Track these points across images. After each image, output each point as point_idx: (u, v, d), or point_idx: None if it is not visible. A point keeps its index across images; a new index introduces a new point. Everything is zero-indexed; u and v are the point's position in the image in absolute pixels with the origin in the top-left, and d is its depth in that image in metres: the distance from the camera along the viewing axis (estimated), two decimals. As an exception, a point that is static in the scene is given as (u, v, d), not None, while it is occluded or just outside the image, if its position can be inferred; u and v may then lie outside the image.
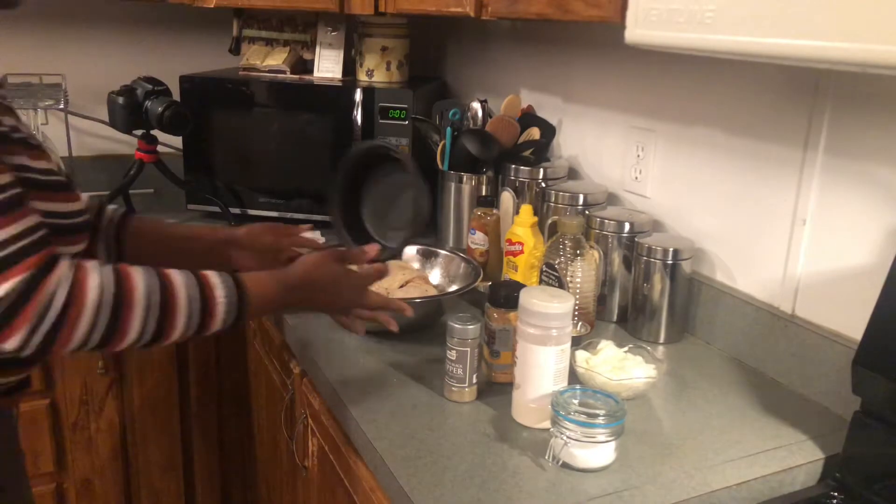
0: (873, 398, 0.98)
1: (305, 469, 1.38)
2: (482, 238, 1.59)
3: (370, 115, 1.88)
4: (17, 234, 0.80)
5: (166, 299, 0.88)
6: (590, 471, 0.96)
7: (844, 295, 1.14)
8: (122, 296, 0.85)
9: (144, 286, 0.87)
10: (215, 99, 1.95)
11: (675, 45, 0.90)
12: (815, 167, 1.17)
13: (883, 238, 1.08)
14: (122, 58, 2.21)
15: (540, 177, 1.61)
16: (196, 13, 2.08)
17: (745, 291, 1.31)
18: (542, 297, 1.03)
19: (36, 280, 0.80)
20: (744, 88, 1.29)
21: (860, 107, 1.10)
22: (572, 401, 0.99)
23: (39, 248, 0.82)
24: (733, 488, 0.96)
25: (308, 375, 1.33)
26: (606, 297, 1.44)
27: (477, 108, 1.75)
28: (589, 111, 1.68)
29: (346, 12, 1.84)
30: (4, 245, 0.79)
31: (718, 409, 1.14)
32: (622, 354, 1.20)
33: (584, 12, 1.12)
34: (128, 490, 1.83)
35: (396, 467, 0.96)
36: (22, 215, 0.82)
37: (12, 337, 0.79)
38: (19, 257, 0.79)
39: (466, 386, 1.12)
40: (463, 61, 2.23)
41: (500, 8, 1.34)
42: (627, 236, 1.41)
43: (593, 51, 1.65)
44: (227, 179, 1.99)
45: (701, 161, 1.39)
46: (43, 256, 0.81)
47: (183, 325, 0.90)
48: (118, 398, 1.76)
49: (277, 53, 2.12)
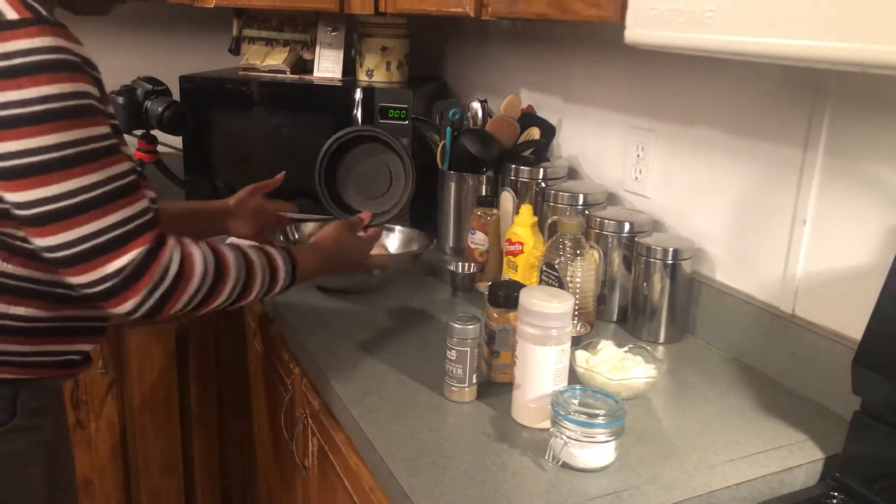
0: (873, 398, 0.99)
1: (305, 469, 1.38)
2: (482, 238, 1.59)
3: (370, 115, 1.87)
4: (136, 214, 0.92)
5: (249, 268, 1.06)
6: (590, 471, 0.96)
7: (844, 295, 1.14)
8: (221, 266, 1.01)
9: (234, 259, 1.04)
10: (215, 99, 1.95)
11: (675, 45, 0.90)
12: (815, 167, 1.17)
13: (883, 238, 1.08)
14: (122, 58, 2.20)
15: (540, 177, 1.61)
16: (196, 13, 2.08)
17: (745, 291, 1.31)
18: (542, 297, 1.03)
19: (154, 252, 0.93)
20: (744, 88, 1.29)
21: (860, 107, 1.10)
22: (572, 401, 0.99)
23: (152, 226, 0.94)
24: (733, 488, 0.96)
25: (308, 375, 1.33)
26: (606, 297, 1.44)
27: (477, 108, 1.75)
28: (589, 111, 1.68)
29: (346, 12, 1.84)
30: (127, 222, 0.91)
31: (718, 409, 1.14)
32: (622, 354, 1.20)
33: (583, 12, 1.12)
34: (128, 490, 1.83)
35: (396, 467, 0.96)
36: (140, 197, 0.94)
37: (128, 300, 0.92)
38: (138, 233, 0.92)
39: (466, 386, 1.12)
40: (463, 61, 2.23)
41: (500, 8, 1.34)
42: (627, 236, 1.41)
43: (593, 51, 1.65)
44: (227, 179, 1.99)
45: (701, 161, 1.39)
46: (156, 233, 0.94)
47: (258, 289, 1.08)
48: (118, 398, 1.76)
49: (277, 53, 2.12)
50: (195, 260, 0.98)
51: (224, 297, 1.03)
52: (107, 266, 0.90)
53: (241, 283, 1.04)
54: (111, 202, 0.90)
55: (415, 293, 1.55)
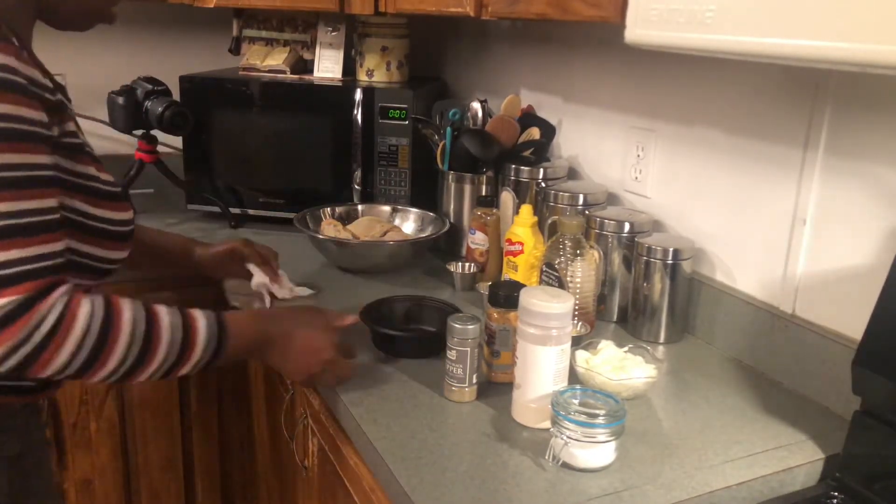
0: (873, 398, 0.99)
1: (305, 469, 1.38)
2: (482, 238, 1.59)
3: (370, 115, 1.88)
4: (29, 257, 0.83)
5: (149, 332, 0.91)
6: (590, 471, 0.96)
7: (844, 295, 1.14)
8: (109, 328, 0.88)
9: (129, 320, 0.89)
10: (215, 99, 1.95)
11: (675, 45, 0.90)
12: (815, 167, 1.17)
13: (883, 238, 1.08)
14: (122, 58, 2.21)
15: (540, 177, 1.61)
16: (196, 13, 2.08)
17: (745, 291, 1.31)
18: (542, 297, 1.03)
19: (30, 303, 0.82)
20: (744, 88, 1.29)
21: (860, 107, 1.10)
22: (572, 401, 0.99)
23: (42, 274, 0.84)
24: (733, 488, 0.96)
25: (308, 375, 1.32)
26: (606, 297, 1.44)
27: (477, 108, 1.75)
28: (589, 111, 1.68)
29: (346, 12, 1.84)
30: (14, 264, 0.81)
31: (718, 409, 1.14)
32: (622, 354, 1.20)
33: (584, 12, 1.12)
34: (128, 490, 1.83)
35: (396, 467, 0.96)
36: (47, 240, 0.85)
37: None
38: (20, 279, 0.82)
39: (466, 386, 1.12)
40: (463, 61, 2.23)
41: (500, 8, 1.34)
42: (627, 236, 1.41)
43: (593, 51, 1.65)
44: (227, 179, 1.99)
45: (701, 161, 1.39)
46: (44, 283, 0.83)
47: (160, 359, 0.92)
48: (118, 398, 1.76)
49: (277, 53, 2.12)
50: (77, 316, 0.85)
51: (112, 364, 0.88)
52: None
53: (135, 352, 0.90)
54: (9, 238, 0.81)
55: (415, 293, 1.55)
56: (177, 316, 0.95)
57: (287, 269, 1.49)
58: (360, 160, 1.91)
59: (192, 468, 1.90)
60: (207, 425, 1.88)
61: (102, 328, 0.87)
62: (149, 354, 0.91)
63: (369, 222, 1.77)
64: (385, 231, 1.73)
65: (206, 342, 0.97)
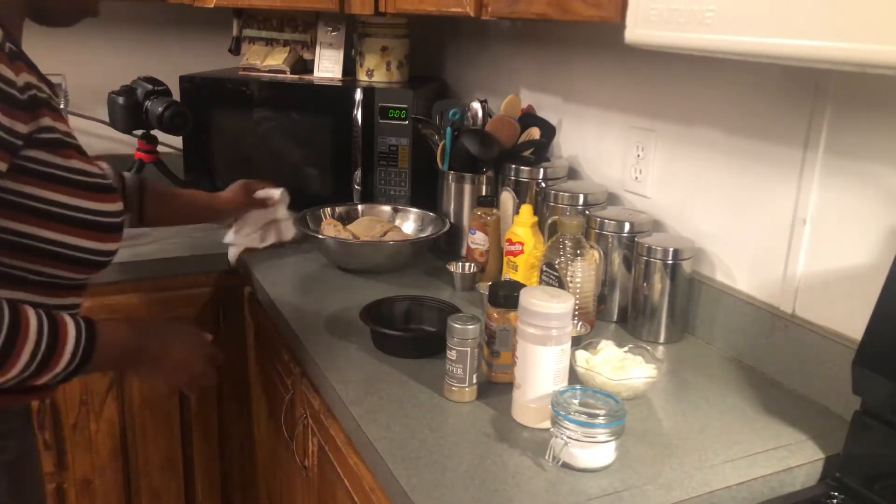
0: (873, 398, 0.99)
1: (305, 469, 1.38)
2: (482, 238, 1.59)
3: (370, 114, 1.88)
4: None
5: (14, 331, 0.87)
6: (590, 471, 0.96)
7: (844, 295, 1.14)
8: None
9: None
10: (215, 99, 1.95)
11: (675, 45, 0.90)
12: (815, 167, 1.17)
13: (883, 238, 1.08)
14: (122, 58, 2.21)
15: (540, 177, 1.61)
16: (196, 13, 2.08)
17: (745, 291, 1.31)
18: (542, 297, 1.03)
19: None
20: (744, 88, 1.29)
21: (860, 107, 1.10)
22: (572, 401, 0.99)
23: None
24: (733, 488, 0.96)
25: (308, 375, 1.33)
26: (606, 297, 1.44)
27: (477, 108, 1.75)
28: (589, 111, 1.68)
29: (346, 12, 1.84)
30: None
31: (718, 409, 1.14)
32: (622, 354, 1.20)
33: (584, 12, 1.12)
34: (128, 490, 1.83)
35: (396, 467, 0.96)
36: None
37: None
38: None
39: (466, 386, 1.12)
40: (463, 61, 2.23)
41: (500, 8, 1.34)
42: (627, 236, 1.41)
43: (593, 51, 1.65)
44: (227, 179, 1.97)
45: (701, 161, 1.39)
46: None
47: (24, 360, 0.88)
48: (118, 398, 1.76)
49: (277, 53, 2.12)
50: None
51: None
52: None
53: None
54: None
55: (415, 293, 1.55)
56: (47, 320, 0.91)
57: (287, 269, 1.50)
58: (360, 160, 1.91)
59: (192, 468, 1.90)
60: (207, 425, 1.88)
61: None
62: (10, 360, 0.87)
63: (369, 222, 1.77)
64: (385, 231, 1.74)
65: (73, 348, 0.93)
